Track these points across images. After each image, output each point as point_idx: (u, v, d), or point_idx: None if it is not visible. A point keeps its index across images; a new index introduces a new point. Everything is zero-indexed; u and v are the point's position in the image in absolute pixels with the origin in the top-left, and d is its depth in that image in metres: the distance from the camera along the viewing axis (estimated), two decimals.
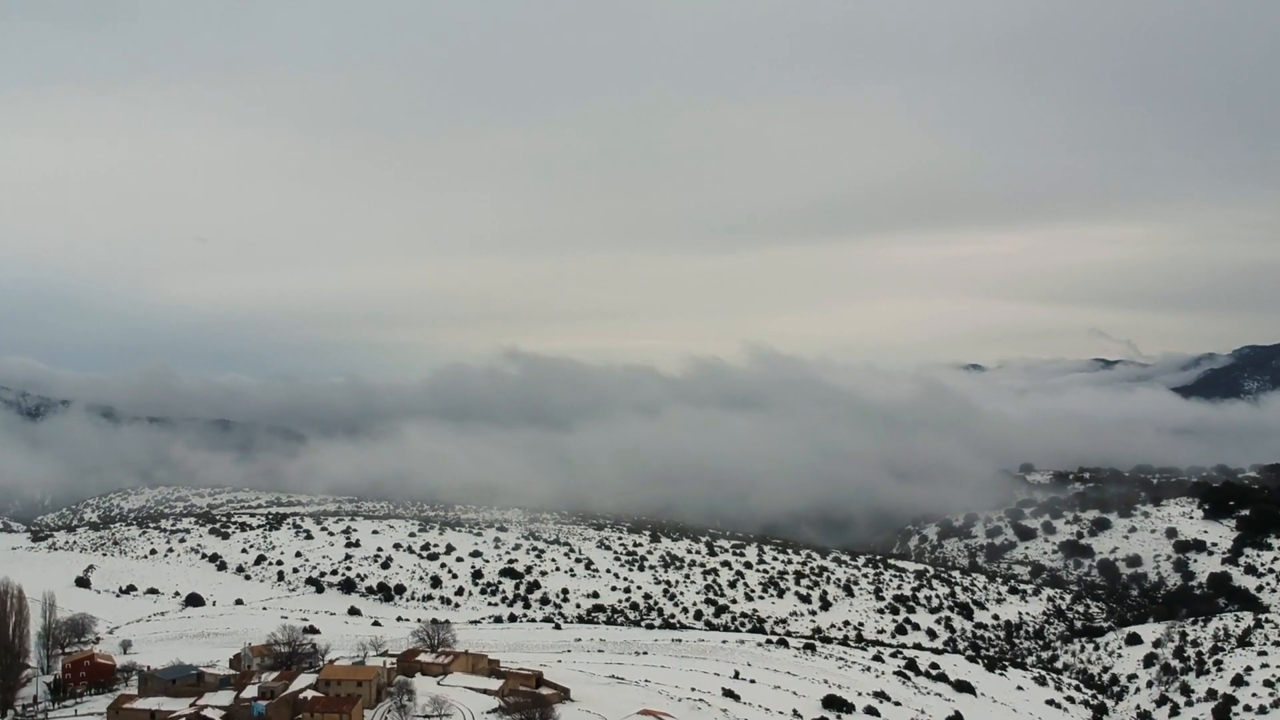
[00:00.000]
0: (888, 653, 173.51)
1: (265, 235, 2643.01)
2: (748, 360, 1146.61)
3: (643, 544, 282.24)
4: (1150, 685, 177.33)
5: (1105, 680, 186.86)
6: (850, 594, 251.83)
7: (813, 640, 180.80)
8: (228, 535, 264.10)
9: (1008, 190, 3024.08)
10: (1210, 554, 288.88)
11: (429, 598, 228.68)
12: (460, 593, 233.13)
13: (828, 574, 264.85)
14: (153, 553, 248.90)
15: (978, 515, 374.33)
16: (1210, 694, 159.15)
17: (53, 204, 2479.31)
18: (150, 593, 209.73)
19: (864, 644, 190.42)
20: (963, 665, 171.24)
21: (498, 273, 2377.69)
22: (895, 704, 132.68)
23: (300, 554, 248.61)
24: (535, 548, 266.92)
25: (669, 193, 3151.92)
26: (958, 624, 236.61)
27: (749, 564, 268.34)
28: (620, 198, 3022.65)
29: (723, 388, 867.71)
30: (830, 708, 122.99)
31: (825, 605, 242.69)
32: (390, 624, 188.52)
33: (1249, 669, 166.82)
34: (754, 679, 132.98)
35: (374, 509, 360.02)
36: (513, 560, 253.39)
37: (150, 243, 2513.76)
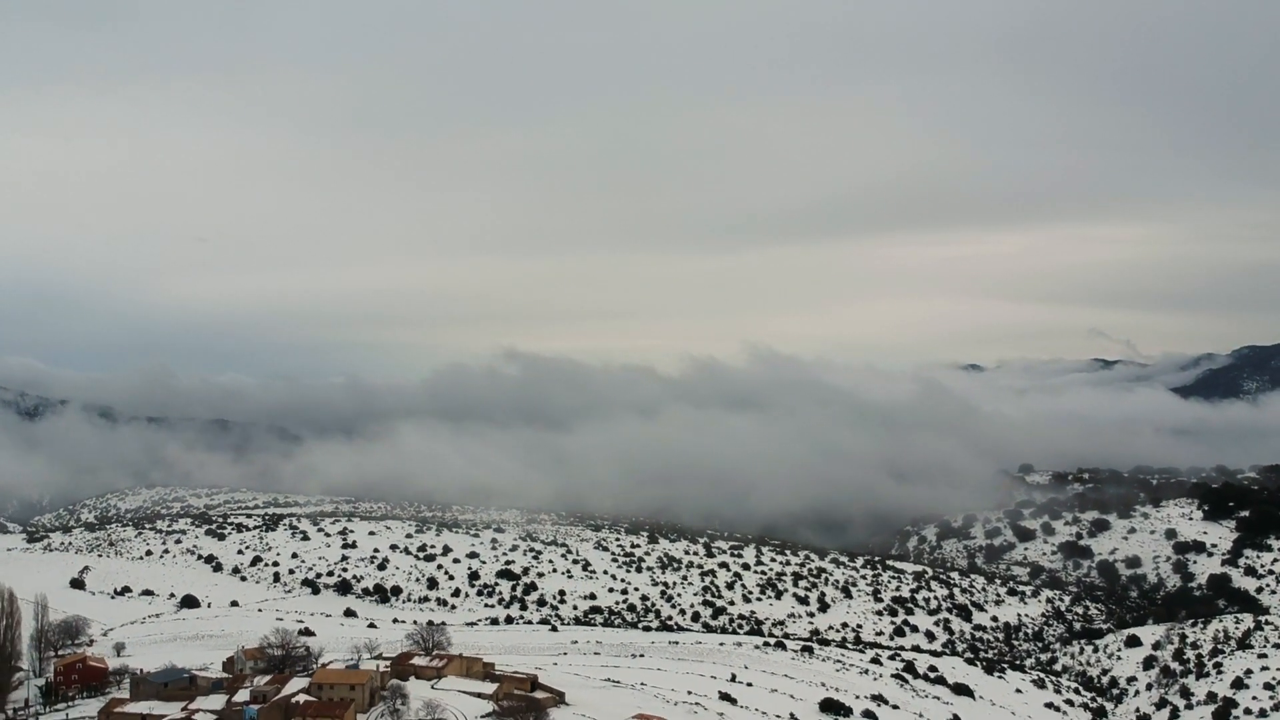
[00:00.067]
0: (886, 655, 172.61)
1: (265, 235, 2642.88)
2: (747, 360, 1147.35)
3: (640, 545, 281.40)
4: (1150, 688, 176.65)
5: (1104, 683, 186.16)
6: (848, 596, 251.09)
7: (810, 643, 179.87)
8: (224, 536, 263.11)
9: (1008, 190, 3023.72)
10: (1210, 555, 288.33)
11: (425, 599, 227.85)
12: (457, 594, 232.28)
13: (826, 575, 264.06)
14: (148, 554, 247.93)
15: (976, 516, 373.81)
16: (1210, 697, 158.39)
17: (52, 204, 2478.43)
18: (145, 594, 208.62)
19: (862, 646, 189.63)
20: (961, 668, 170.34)
21: (497, 272, 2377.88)
22: (893, 707, 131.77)
23: (296, 555, 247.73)
24: (532, 549, 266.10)
25: (669, 193, 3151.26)
26: (956, 626, 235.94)
27: (747, 565, 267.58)
28: (620, 198, 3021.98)
29: (721, 388, 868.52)
30: (827, 711, 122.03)
31: (823, 607, 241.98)
32: (386, 626, 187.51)
33: (1249, 671, 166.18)
34: (751, 682, 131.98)
35: (371, 510, 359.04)
36: (510, 562, 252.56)
37: (150, 242, 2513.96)
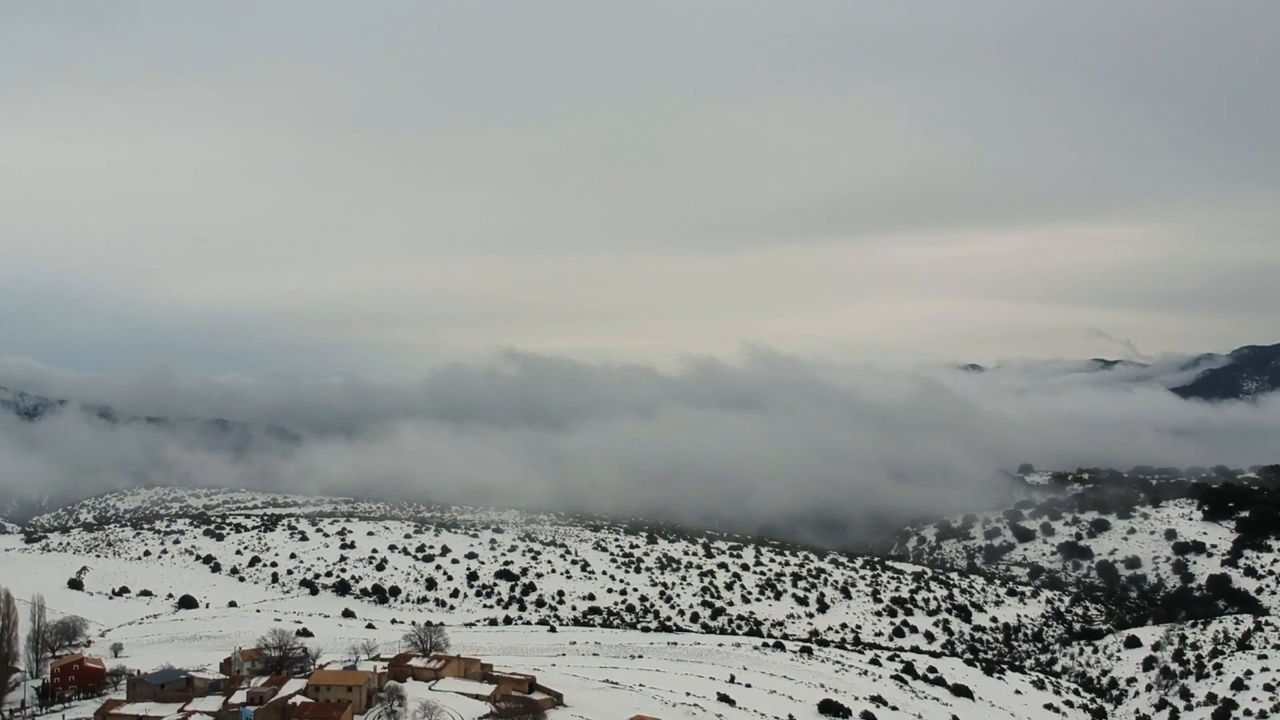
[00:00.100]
0: (885, 656, 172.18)
1: (264, 235, 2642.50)
2: (746, 360, 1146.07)
3: (639, 545, 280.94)
4: (1149, 689, 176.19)
5: (1104, 684, 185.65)
6: (848, 596, 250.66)
7: (809, 644, 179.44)
8: (222, 536, 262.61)
9: (1008, 190, 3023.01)
10: (1209, 556, 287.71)
11: (424, 600, 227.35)
12: (455, 595, 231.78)
13: (825, 576, 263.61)
14: (146, 554, 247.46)
15: (976, 516, 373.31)
16: (1210, 698, 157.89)
17: (52, 204, 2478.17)
18: (143, 595, 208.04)
19: (861, 647, 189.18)
20: (960, 669, 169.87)
21: (497, 272, 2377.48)
22: (892, 709, 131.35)
23: (295, 555, 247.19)
24: (531, 549, 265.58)
25: (668, 193, 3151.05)
26: (956, 626, 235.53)
27: (746, 566, 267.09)
28: (620, 198, 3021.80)
29: (721, 388, 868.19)
30: (826, 713, 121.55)
31: (823, 607, 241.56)
32: (384, 626, 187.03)
33: (1249, 673, 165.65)
34: (750, 683, 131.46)
35: (370, 510, 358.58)
36: (508, 562, 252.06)
37: (150, 242, 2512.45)
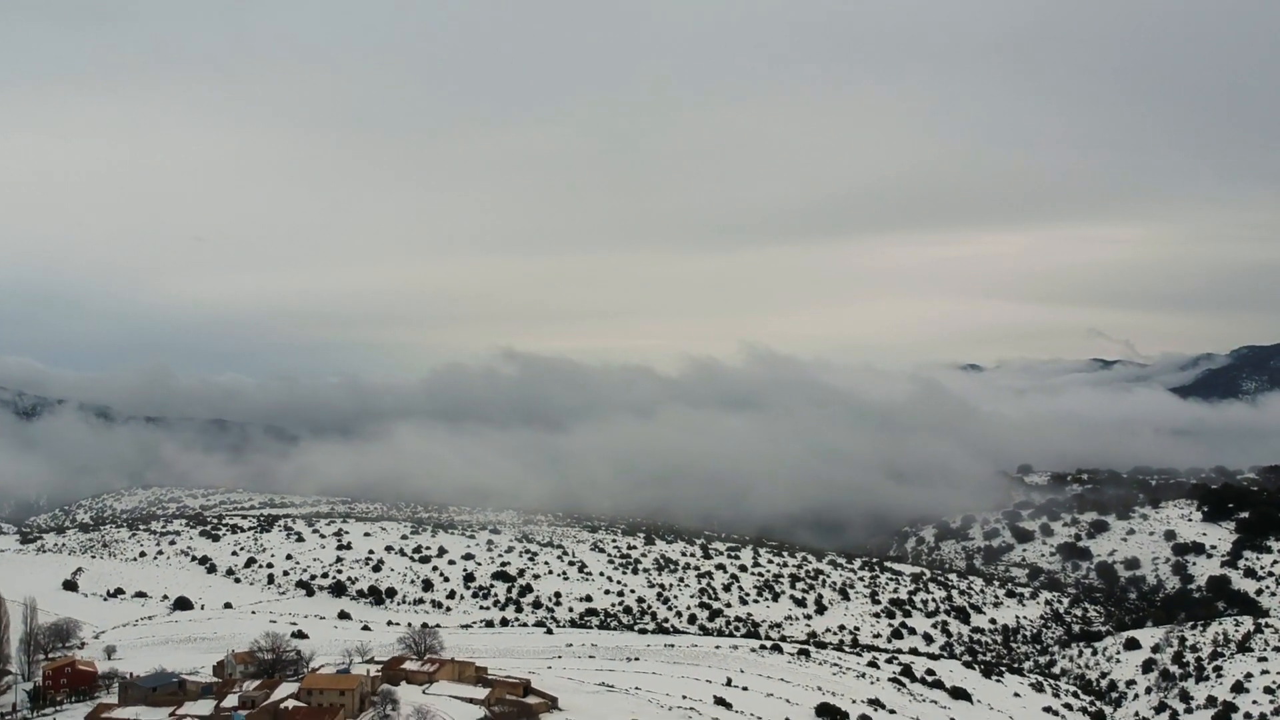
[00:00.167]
0: (883, 658, 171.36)
1: (264, 235, 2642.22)
2: (745, 360, 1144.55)
3: (637, 546, 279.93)
4: (1149, 691, 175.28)
5: (1103, 686, 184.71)
6: (846, 597, 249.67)
7: (807, 646, 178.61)
8: (218, 537, 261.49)
9: (1007, 190, 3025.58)
10: (1209, 557, 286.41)
11: (420, 601, 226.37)
12: (452, 596, 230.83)
13: (823, 577, 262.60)
14: (142, 555, 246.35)
15: (975, 517, 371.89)
16: (1210, 701, 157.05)
17: (51, 203, 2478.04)
18: (138, 596, 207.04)
19: (859, 649, 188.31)
20: (959, 671, 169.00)
21: (496, 272, 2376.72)
22: (890, 712, 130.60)
23: (291, 556, 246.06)
24: (528, 550, 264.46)
25: (668, 193, 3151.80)
26: (954, 628, 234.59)
27: (744, 567, 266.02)
28: (619, 198, 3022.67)
29: (719, 388, 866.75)
30: (823, 716, 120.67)
31: (821, 609, 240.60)
32: (380, 628, 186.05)
33: (1249, 675, 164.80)
34: (746, 686, 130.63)
35: (367, 511, 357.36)
36: (505, 563, 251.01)
37: (149, 242, 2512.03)
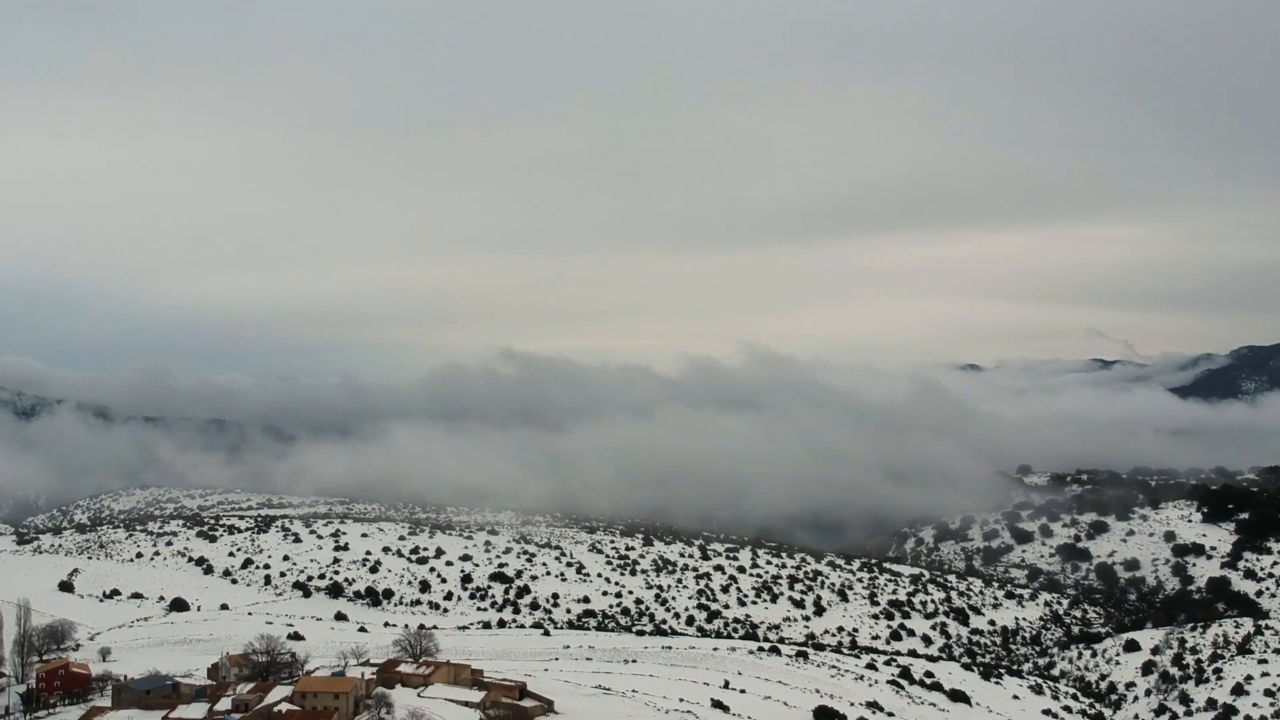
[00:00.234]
0: (882, 660, 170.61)
1: (263, 234, 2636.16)
2: (744, 360, 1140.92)
3: (635, 547, 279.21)
4: (1149, 694, 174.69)
5: (1103, 688, 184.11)
6: (845, 599, 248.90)
7: (805, 648, 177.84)
8: (215, 538, 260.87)
9: (1007, 190, 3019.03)
10: (1209, 558, 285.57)
11: (417, 602, 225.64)
12: (449, 597, 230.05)
13: (822, 578, 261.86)
14: (139, 556, 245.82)
15: (974, 518, 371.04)
16: (1210, 703, 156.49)
17: (50, 203, 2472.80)
18: (134, 597, 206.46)
19: (858, 651, 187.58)
20: (958, 673, 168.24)
21: (495, 272, 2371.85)
22: (888, 715, 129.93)
23: (288, 558, 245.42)
24: (526, 551, 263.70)
25: (667, 192, 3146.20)
26: (953, 630, 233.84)
27: (742, 568, 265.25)
28: (618, 197, 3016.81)
29: (718, 388, 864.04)
30: (822, 719, 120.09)
31: (819, 610, 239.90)
32: (377, 629, 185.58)
33: (1249, 678, 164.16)
34: (744, 689, 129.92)
35: (365, 511, 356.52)
36: (503, 564, 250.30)
37: (148, 242, 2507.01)
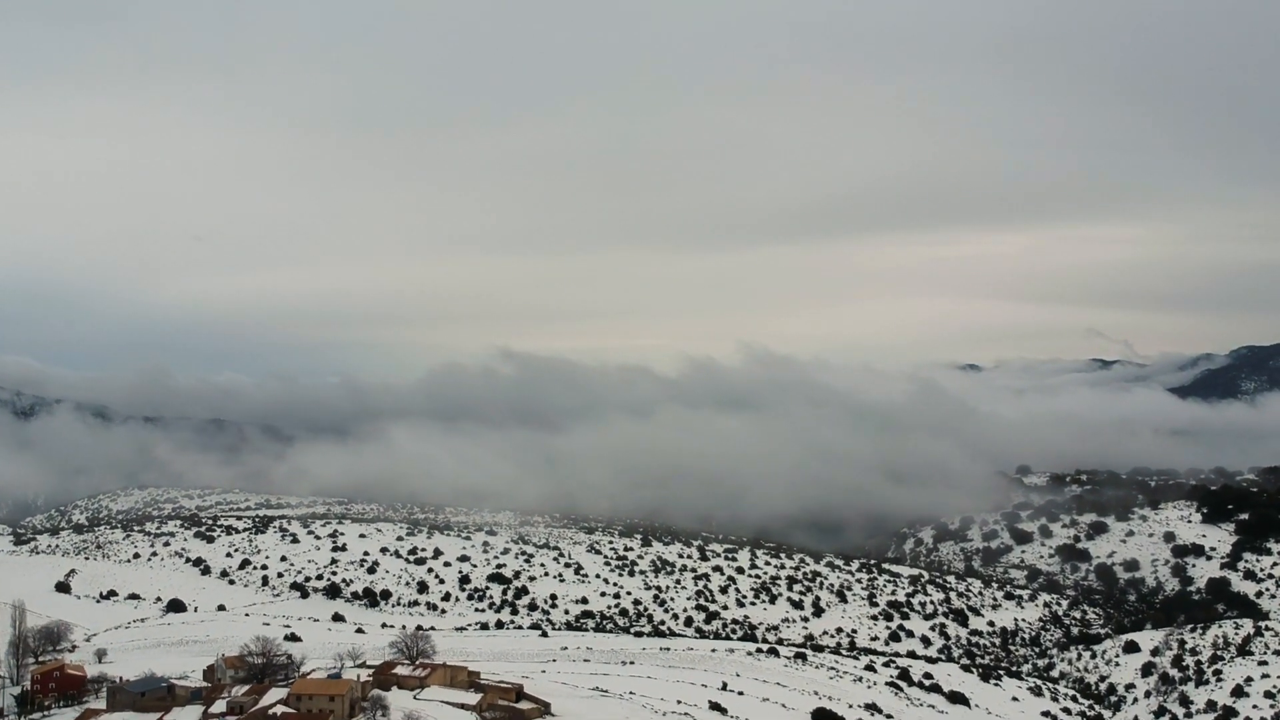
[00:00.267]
0: (880, 662, 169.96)
1: (262, 234, 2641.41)
2: (743, 360, 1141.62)
3: (634, 548, 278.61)
4: (1148, 695, 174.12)
5: (1102, 690, 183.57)
6: (843, 600, 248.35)
7: (804, 649, 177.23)
8: (213, 539, 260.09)
9: (1007, 190, 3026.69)
10: (1209, 559, 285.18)
11: (415, 603, 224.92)
12: (447, 598, 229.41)
13: (821, 579, 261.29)
14: (136, 556, 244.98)
15: (974, 518, 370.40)
16: (1210, 705, 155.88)
17: (50, 203, 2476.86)
18: (131, 598, 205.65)
19: (856, 652, 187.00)
20: (957, 675, 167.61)
21: (494, 271, 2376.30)
22: (887, 717, 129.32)
23: (285, 558, 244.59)
24: (524, 552, 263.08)
25: (666, 192, 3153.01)
26: (952, 631, 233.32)
27: (741, 569, 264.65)
28: (617, 197, 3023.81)
29: (717, 388, 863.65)
30: None
31: (818, 611, 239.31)
32: (374, 630, 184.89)
33: (1249, 679, 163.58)
34: (742, 690, 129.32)
35: (363, 512, 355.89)
36: (501, 565, 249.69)
37: (148, 242, 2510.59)
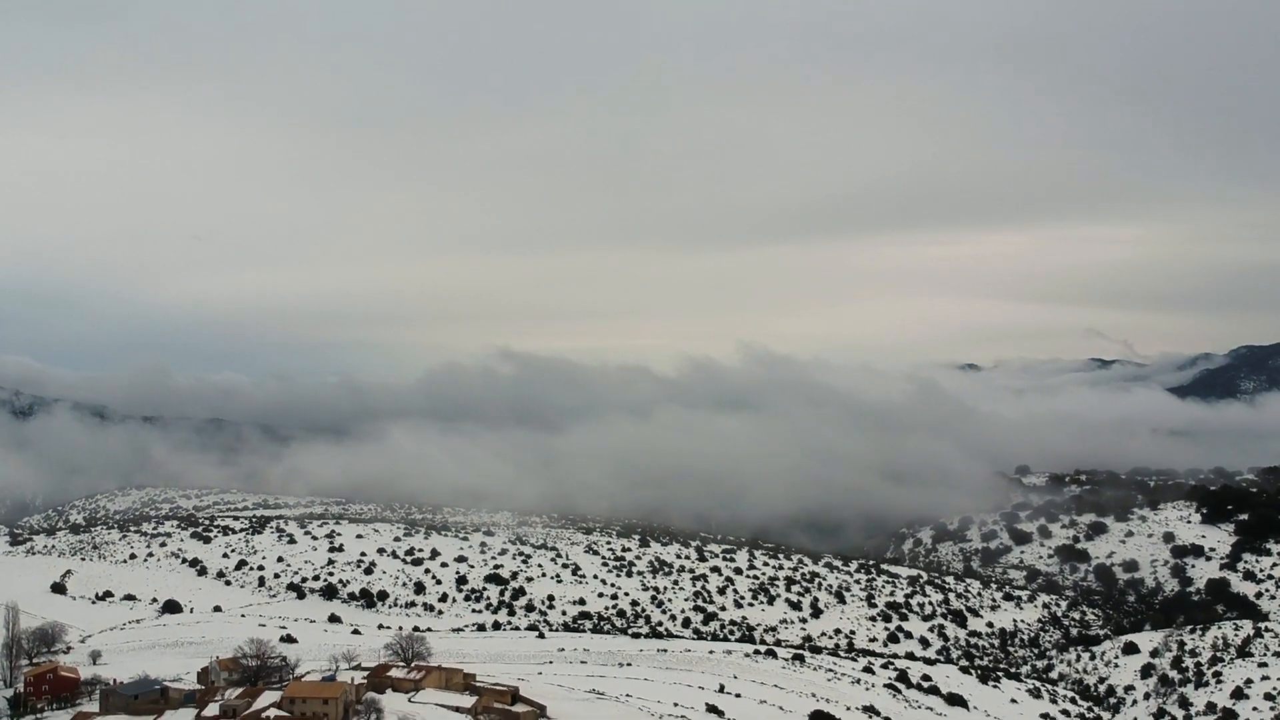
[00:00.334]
0: (879, 663, 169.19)
1: (262, 234, 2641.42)
2: (742, 360, 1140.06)
3: (632, 549, 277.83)
4: (1148, 697, 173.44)
5: (1102, 691, 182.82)
6: (842, 601, 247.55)
7: (801, 651, 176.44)
8: (209, 539, 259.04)
9: (1006, 190, 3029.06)
10: (1208, 559, 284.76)
11: (412, 604, 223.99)
12: (444, 599, 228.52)
13: (819, 580, 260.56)
14: (132, 557, 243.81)
15: (973, 519, 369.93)
16: (1210, 707, 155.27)
17: (49, 203, 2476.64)
18: (127, 599, 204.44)
19: (855, 654, 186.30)
20: (955, 677, 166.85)
21: (494, 271, 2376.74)
22: (885, 719, 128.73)
23: (282, 559, 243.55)
24: (522, 553, 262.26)
25: (666, 192, 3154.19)
26: (951, 632, 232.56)
27: (739, 570, 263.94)
28: (618, 197, 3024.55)
29: (717, 388, 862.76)
30: None
31: (816, 613, 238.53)
32: (371, 632, 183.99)
33: (1249, 681, 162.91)
34: (739, 693, 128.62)
35: (360, 512, 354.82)
36: (498, 566, 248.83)
37: (147, 241, 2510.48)
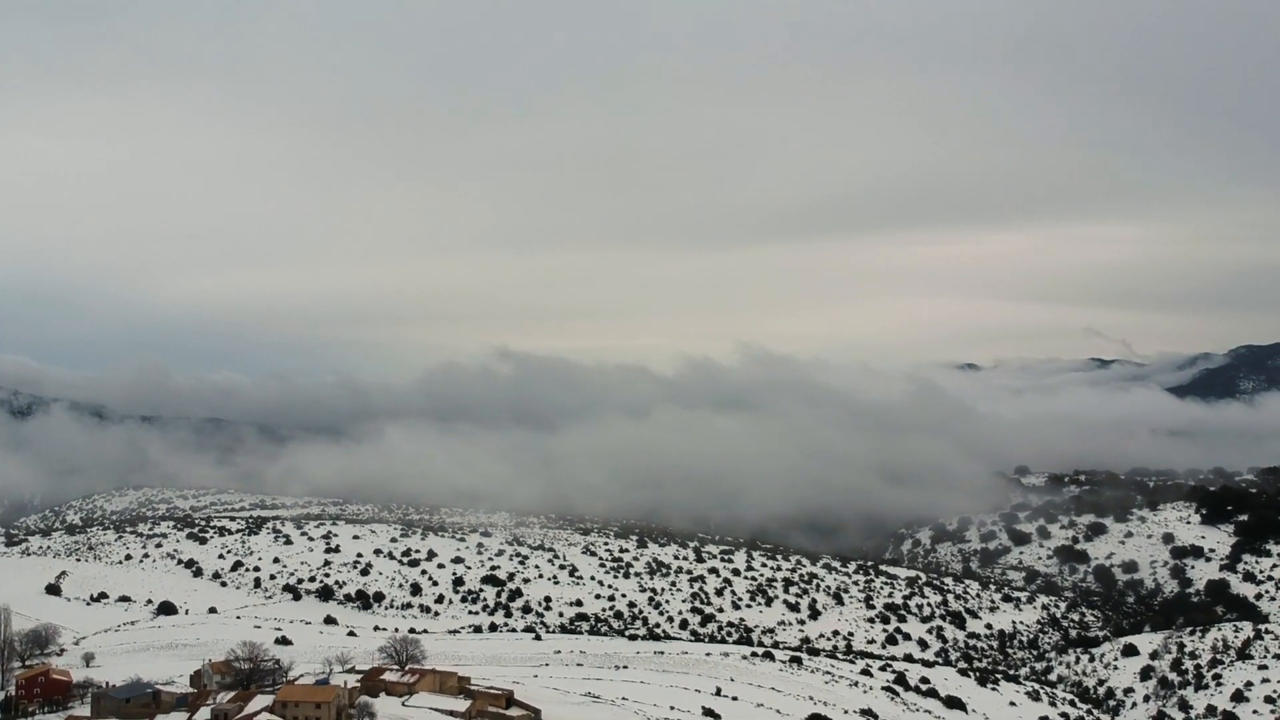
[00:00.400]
0: (877, 665, 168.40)
1: (260, 233, 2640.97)
2: (740, 360, 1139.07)
3: (629, 550, 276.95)
4: (1147, 700, 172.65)
5: (1101, 694, 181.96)
6: (840, 602, 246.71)
7: (799, 653, 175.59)
8: (205, 540, 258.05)
9: (1006, 190, 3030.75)
10: (1208, 560, 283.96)
11: (408, 606, 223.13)
12: (440, 601, 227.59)
13: (817, 581, 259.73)
14: (128, 558, 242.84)
15: (971, 519, 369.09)
16: (1209, 710, 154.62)
17: (48, 202, 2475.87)
18: (122, 600, 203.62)
19: (853, 656, 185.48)
20: (954, 679, 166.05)
21: (492, 271, 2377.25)
22: None
23: (278, 560, 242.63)
24: (519, 554, 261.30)
25: (665, 192, 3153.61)
26: (950, 634, 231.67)
27: (737, 571, 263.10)
28: (617, 197, 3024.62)
29: (715, 388, 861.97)
30: None
31: (814, 614, 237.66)
32: (367, 633, 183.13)
33: (1249, 684, 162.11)
34: (736, 696, 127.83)
35: (358, 512, 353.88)
36: (495, 567, 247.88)
37: (146, 241, 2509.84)
